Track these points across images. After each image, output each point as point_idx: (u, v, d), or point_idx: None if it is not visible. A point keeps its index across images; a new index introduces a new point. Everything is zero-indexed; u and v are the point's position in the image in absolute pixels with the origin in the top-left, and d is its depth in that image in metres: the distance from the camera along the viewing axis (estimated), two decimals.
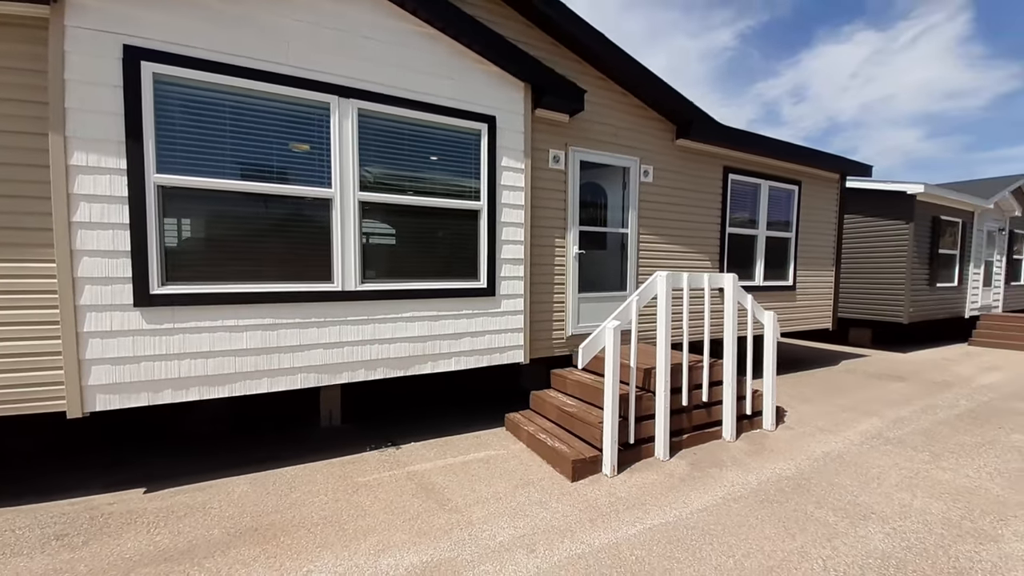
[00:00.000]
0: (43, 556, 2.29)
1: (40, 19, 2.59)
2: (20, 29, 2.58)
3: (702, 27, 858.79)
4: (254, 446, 3.72)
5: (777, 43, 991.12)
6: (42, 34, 2.60)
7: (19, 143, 2.59)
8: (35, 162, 2.62)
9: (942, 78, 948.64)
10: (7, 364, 2.62)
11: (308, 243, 3.30)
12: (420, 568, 2.22)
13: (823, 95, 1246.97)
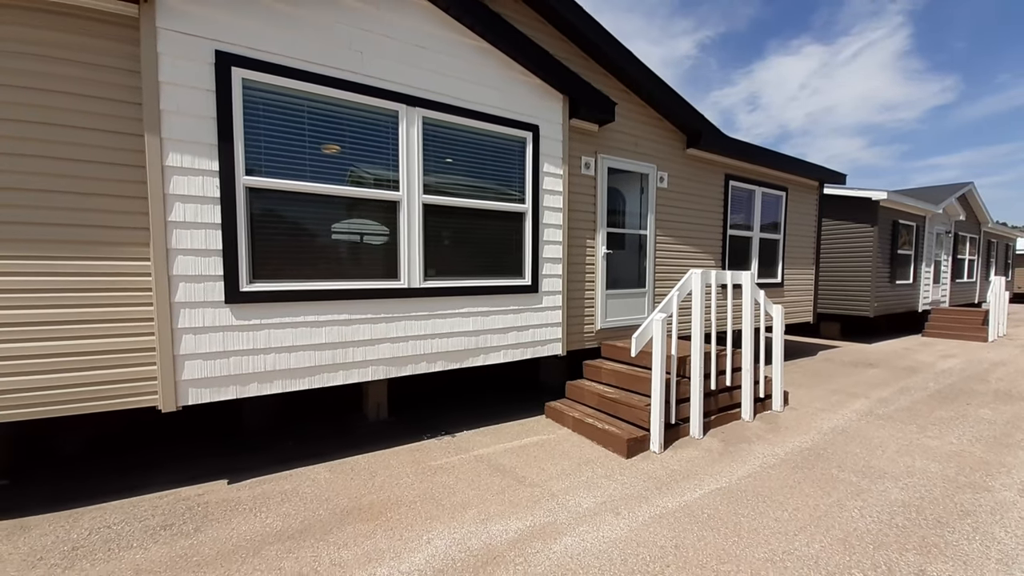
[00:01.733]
0: (157, 546, 2.38)
1: (130, 18, 2.67)
2: (112, 27, 2.64)
3: (664, 35, 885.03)
4: (309, 439, 3.83)
5: (733, 54, 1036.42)
6: (135, 34, 2.68)
7: (115, 143, 2.66)
8: (130, 162, 2.69)
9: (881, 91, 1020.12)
10: (104, 361, 2.68)
11: (379, 243, 3.48)
12: (527, 531, 2.48)
13: (774, 104, 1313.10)
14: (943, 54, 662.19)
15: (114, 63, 2.64)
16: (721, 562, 2.24)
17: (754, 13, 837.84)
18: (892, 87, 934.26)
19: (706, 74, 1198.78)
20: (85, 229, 2.60)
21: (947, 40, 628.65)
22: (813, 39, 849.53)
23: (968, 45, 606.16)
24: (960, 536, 2.49)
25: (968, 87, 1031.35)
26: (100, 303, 2.66)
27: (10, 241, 2.47)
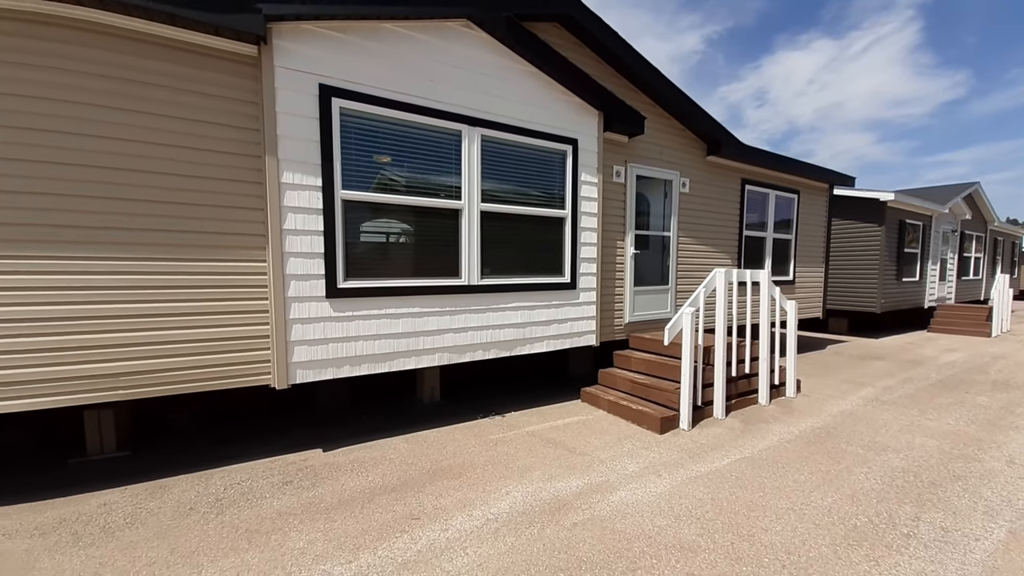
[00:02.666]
0: (286, 496, 2.91)
1: (252, 57, 3.18)
2: (237, 65, 3.15)
3: (670, 30, 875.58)
4: (377, 417, 4.37)
5: (740, 49, 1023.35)
6: (255, 71, 3.19)
7: (240, 163, 3.18)
8: (252, 179, 3.21)
9: (891, 86, 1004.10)
10: (229, 346, 3.21)
11: (444, 245, 4.00)
12: (586, 487, 2.99)
13: (782, 99, 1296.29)
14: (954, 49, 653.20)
15: (238, 95, 3.15)
16: (751, 510, 2.74)
17: (762, 7, 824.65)
18: (902, 82, 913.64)
19: (713, 69, 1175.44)
20: (215, 236, 3.13)
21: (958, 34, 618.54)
22: (822, 33, 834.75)
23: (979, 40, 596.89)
24: (951, 494, 2.97)
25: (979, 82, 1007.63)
26: (226, 298, 3.19)
27: (157, 245, 3.00)
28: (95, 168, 2.81)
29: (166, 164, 2.98)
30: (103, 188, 2.83)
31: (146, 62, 2.89)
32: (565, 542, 2.40)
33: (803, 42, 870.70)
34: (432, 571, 2.16)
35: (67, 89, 2.73)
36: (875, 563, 2.25)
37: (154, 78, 2.92)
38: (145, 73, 2.90)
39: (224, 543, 2.39)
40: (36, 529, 2.52)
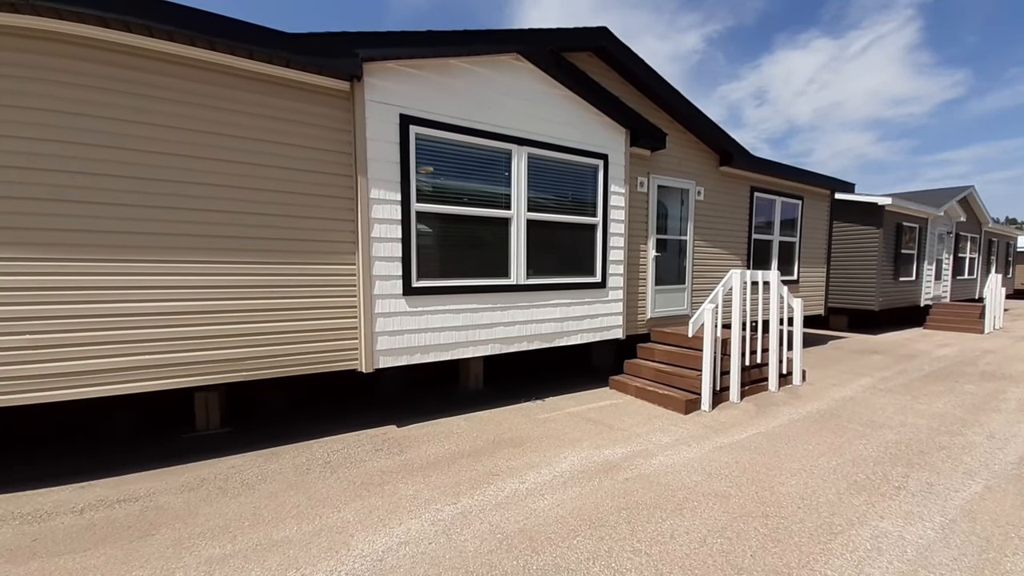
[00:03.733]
0: (382, 460, 3.49)
1: (345, 92, 3.76)
2: (334, 98, 3.73)
3: (671, 29, 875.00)
4: (430, 400, 4.94)
5: (740, 48, 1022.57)
6: (348, 103, 3.76)
7: (336, 182, 3.75)
8: (344, 195, 3.78)
9: (891, 85, 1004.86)
10: (326, 336, 3.79)
11: (496, 249, 4.57)
12: (630, 454, 3.56)
13: (781, 99, 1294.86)
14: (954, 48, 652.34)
15: (335, 124, 3.73)
16: (768, 470, 3.31)
17: (762, 6, 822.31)
18: (902, 81, 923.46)
19: (713, 69, 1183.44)
20: (317, 243, 3.71)
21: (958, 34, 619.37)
22: (822, 33, 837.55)
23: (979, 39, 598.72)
24: (936, 460, 3.54)
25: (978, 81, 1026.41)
26: (324, 295, 3.77)
27: (270, 251, 3.57)
28: (224, 187, 3.38)
29: (278, 183, 3.56)
30: (229, 203, 3.40)
31: (266, 98, 3.47)
32: (621, 491, 2.97)
33: (803, 41, 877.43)
34: (522, 509, 2.74)
35: (216, 124, 3.32)
36: (872, 506, 2.82)
37: (271, 111, 3.50)
38: (265, 107, 3.47)
39: (347, 492, 2.97)
40: (183, 486, 3.09)
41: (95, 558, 2.29)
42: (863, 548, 2.38)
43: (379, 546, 2.38)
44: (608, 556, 2.30)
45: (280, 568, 2.20)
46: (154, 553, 2.33)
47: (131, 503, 2.83)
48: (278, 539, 2.45)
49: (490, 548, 2.36)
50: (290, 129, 3.59)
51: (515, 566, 2.22)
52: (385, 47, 3.69)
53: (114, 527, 2.56)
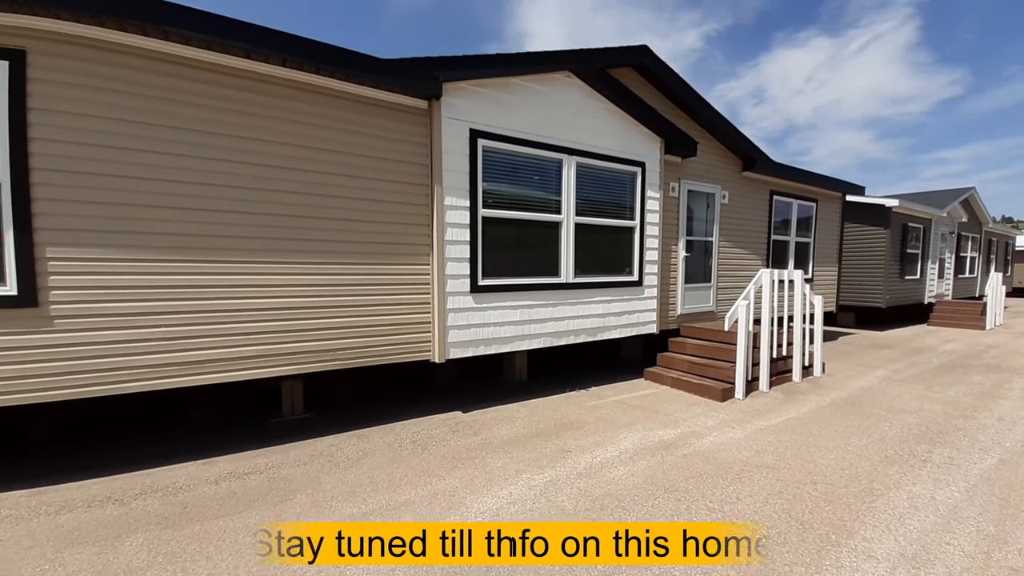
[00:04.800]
0: (461, 439, 3.89)
1: (424, 110, 4.15)
2: (413, 115, 4.13)
3: (670, 27, 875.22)
4: (481, 391, 5.34)
5: (739, 47, 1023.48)
6: (426, 119, 4.16)
7: (416, 191, 4.15)
8: (421, 202, 4.19)
9: (889, 84, 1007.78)
10: (405, 329, 4.20)
11: (548, 250, 4.98)
12: (681, 435, 3.98)
13: (780, 97, 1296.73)
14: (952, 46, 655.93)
15: (416, 139, 4.14)
16: (808, 447, 3.73)
17: (760, 5, 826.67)
18: (900, 80, 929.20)
19: (712, 67, 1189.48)
20: (399, 246, 4.11)
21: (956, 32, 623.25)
22: (820, 31, 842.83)
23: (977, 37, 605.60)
24: (955, 438, 3.97)
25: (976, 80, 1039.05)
26: (404, 293, 4.17)
27: (359, 254, 3.97)
28: (322, 196, 3.78)
29: (366, 192, 3.96)
30: (326, 211, 3.80)
31: (357, 116, 3.87)
32: (682, 464, 3.39)
33: (801, 40, 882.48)
34: (602, 478, 3.15)
35: (317, 139, 3.72)
36: (904, 475, 3.24)
37: (362, 128, 3.90)
38: (356, 124, 3.87)
39: (443, 465, 3.37)
40: (296, 461, 3.49)
41: (250, 518, 2.69)
42: (902, 506, 2.80)
43: (491, 505, 2.79)
44: (688, 513, 2.71)
45: (415, 522, 2.61)
46: (300, 513, 2.73)
47: (257, 475, 3.23)
48: (402, 501, 2.86)
49: (586, 507, 2.78)
50: (377, 144, 3.98)
51: (612, 520, 2.63)
52: (460, 69, 4.08)
53: (253, 494, 2.96)
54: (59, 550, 2.36)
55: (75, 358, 3.00)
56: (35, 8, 2.74)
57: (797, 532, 2.52)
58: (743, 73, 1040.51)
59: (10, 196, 2.77)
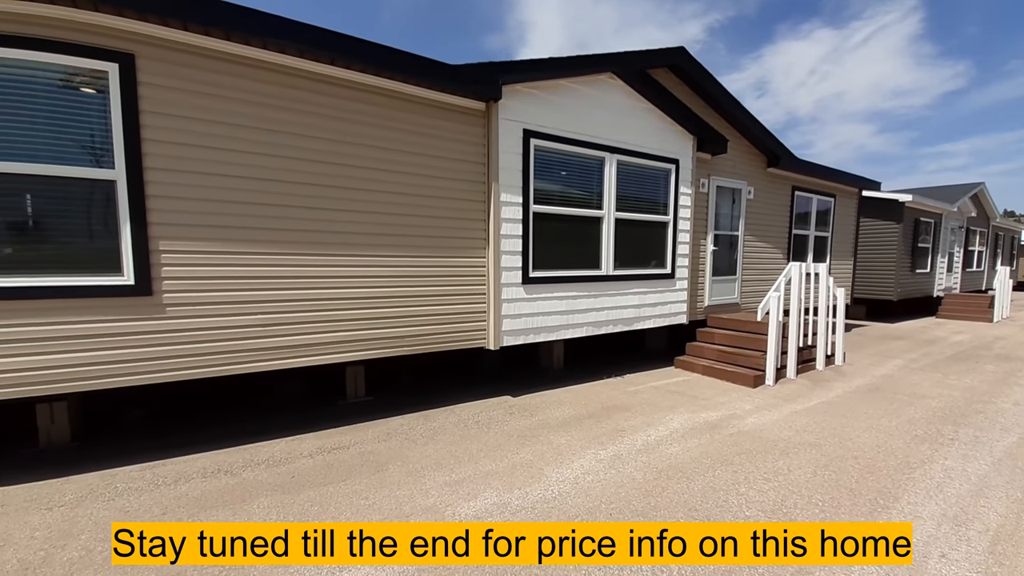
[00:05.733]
0: (519, 420, 4.18)
1: (481, 112, 4.39)
2: (472, 117, 4.37)
3: (672, 18, 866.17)
4: (523, 377, 5.63)
5: (742, 38, 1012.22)
6: (483, 121, 4.40)
7: (473, 188, 4.41)
8: (479, 199, 4.44)
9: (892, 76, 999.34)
10: (463, 318, 4.48)
11: (591, 244, 5.24)
12: (723, 417, 4.27)
13: (782, 90, 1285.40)
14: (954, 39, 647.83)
15: (474, 139, 4.38)
16: (843, 427, 4.03)
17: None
18: (903, 73, 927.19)
19: (714, 59, 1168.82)
20: (458, 240, 4.38)
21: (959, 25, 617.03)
22: (824, 23, 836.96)
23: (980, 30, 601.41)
24: (976, 420, 4.27)
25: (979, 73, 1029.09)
26: (462, 284, 4.45)
27: (422, 248, 4.23)
28: (394, 194, 4.03)
29: (430, 189, 4.21)
30: (397, 207, 4.06)
31: (422, 118, 4.11)
32: (731, 442, 3.69)
33: (804, 32, 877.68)
34: (661, 453, 3.45)
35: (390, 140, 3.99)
36: (935, 451, 3.54)
37: (427, 129, 4.15)
38: (421, 126, 4.12)
39: (512, 442, 3.67)
40: (375, 438, 3.77)
41: (356, 485, 2.98)
42: (938, 476, 3.10)
43: (568, 475, 3.09)
44: (746, 482, 3.01)
45: (505, 488, 2.91)
46: (398, 481, 3.03)
47: (345, 450, 3.53)
48: (485, 471, 3.15)
49: (653, 477, 3.07)
50: (440, 144, 4.23)
51: (680, 488, 2.93)
52: (517, 72, 4.31)
53: (349, 465, 3.26)
54: (193, 514, 2.65)
55: (183, 343, 3.28)
56: (144, 14, 2.97)
57: (848, 498, 2.82)
58: (746, 65, 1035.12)
59: (127, 193, 3.03)
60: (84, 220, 3.00)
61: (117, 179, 3.00)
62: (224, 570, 2.15)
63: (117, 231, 3.03)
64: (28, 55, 2.77)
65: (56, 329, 2.93)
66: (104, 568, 2.18)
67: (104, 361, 3.06)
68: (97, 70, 2.92)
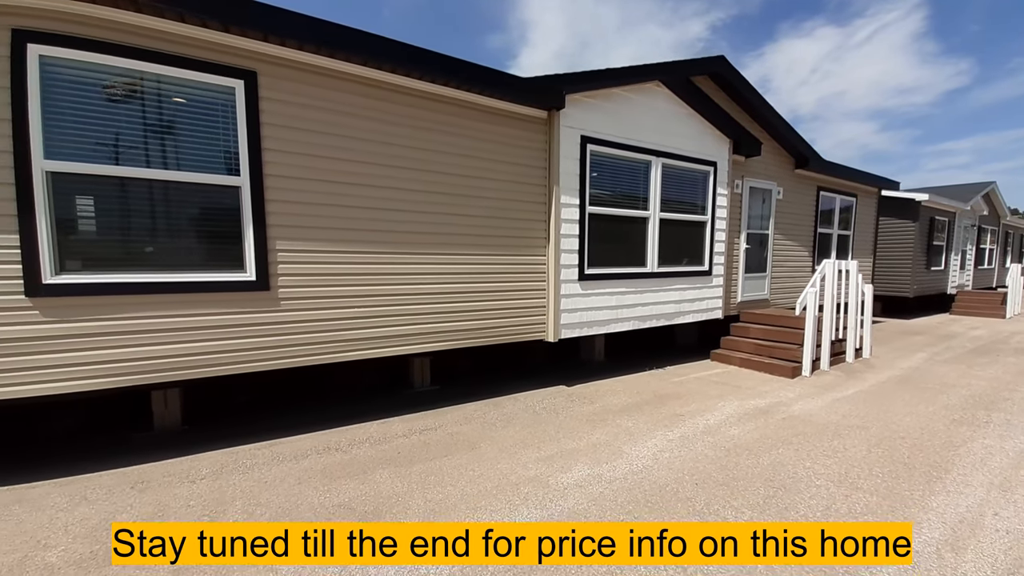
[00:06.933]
0: (581, 407, 4.50)
1: (543, 120, 4.71)
2: (535, 124, 4.70)
3: (674, 16, 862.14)
4: (570, 368, 5.96)
5: (744, 36, 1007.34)
6: (545, 127, 4.73)
7: (535, 191, 4.73)
8: (540, 201, 4.76)
9: (895, 74, 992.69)
10: (525, 313, 4.81)
11: (637, 243, 5.56)
12: (770, 404, 4.59)
13: (784, 88, 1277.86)
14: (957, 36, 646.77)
15: (537, 145, 4.70)
16: (884, 413, 4.35)
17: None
18: (906, 70, 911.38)
19: None
20: (522, 239, 4.70)
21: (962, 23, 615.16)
22: (827, 20, 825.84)
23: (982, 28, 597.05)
24: (1005, 406, 4.58)
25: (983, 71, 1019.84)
26: (524, 280, 4.77)
27: (490, 247, 4.55)
28: (466, 196, 4.36)
29: (498, 192, 4.54)
30: (470, 209, 4.38)
31: (493, 127, 4.43)
32: (785, 425, 4.01)
33: (807, 29, 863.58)
34: (723, 435, 3.77)
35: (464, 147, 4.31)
36: (973, 432, 3.86)
37: (496, 136, 4.47)
38: (491, 134, 4.44)
39: (584, 425, 4.00)
40: (457, 421, 4.09)
41: (458, 460, 3.30)
42: (980, 452, 3.43)
43: (645, 452, 3.42)
44: (809, 459, 3.33)
45: (593, 463, 3.24)
46: (494, 456, 3.36)
47: (433, 431, 3.86)
48: (569, 449, 3.49)
49: (723, 454, 3.40)
50: (507, 150, 4.55)
51: (750, 463, 3.25)
52: (579, 83, 4.63)
53: (444, 444, 3.59)
54: (326, 483, 2.98)
55: (293, 333, 3.62)
56: (267, 35, 3.29)
57: (905, 470, 3.15)
58: (748, 63, 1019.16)
59: (250, 197, 3.36)
60: (214, 222, 3.33)
61: (242, 185, 3.33)
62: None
63: (241, 231, 3.37)
64: (172, 71, 3.10)
65: (190, 320, 3.27)
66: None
67: (228, 349, 3.40)
68: (226, 86, 3.25)
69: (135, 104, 3.07)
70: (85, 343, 2.97)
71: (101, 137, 3.01)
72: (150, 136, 3.10)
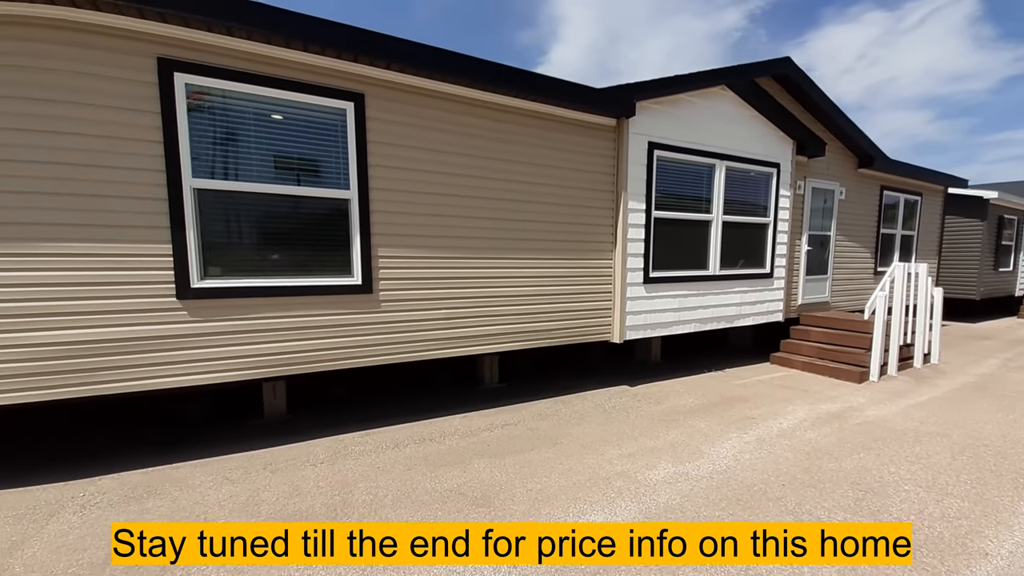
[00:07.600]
0: (649, 407, 4.64)
1: (612, 127, 4.86)
2: (604, 132, 4.85)
3: (709, 6, 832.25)
4: (628, 369, 6.09)
5: (784, 24, 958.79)
6: (613, 135, 4.87)
7: (603, 196, 4.89)
8: (608, 206, 4.92)
9: (949, 60, 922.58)
10: (592, 314, 4.99)
11: (700, 246, 5.64)
12: (842, 409, 4.60)
13: (827, 77, 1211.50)
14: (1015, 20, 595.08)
15: (606, 152, 4.86)
16: (963, 420, 4.29)
17: None
18: (961, 56, 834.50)
19: (754, 47, 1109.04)
20: (590, 244, 4.88)
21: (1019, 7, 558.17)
22: (875, 5, 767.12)
23: None
24: None
25: None
26: (592, 283, 4.96)
27: (558, 251, 4.75)
28: (538, 203, 4.56)
29: (568, 198, 4.73)
30: (541, 215, 4.59)
31: (566, 136, 4.62)
32: (861, 431, 4.04)
33: (853, 15, 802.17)
34: (799, 438, 3.84)
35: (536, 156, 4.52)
36: None
37: (568, 145, 4.66)
38: (564, 143, 4.63)
39: (657, 425, 4.15)
40: (535, 416, 4.32)
41: (545, 454, 3.53)
42: None
43: (724, 453, 3.55)
44: (893, 464, 3.38)
45: (675, 461, 3.40)
46: (578, 452, 3.57)
47: (514, 426, 4.11)
48: (649, 447, 3.66)
49: (803, 458, 3.49)
50: (576, 158, 4.73)
51: (833, 467, 3.33)
52: (648, 91, 4.75)
53: (526, 439, 3.83)
54: (431, 470, 3.27)
55: (391, 332, 3.95)
56: (374, 60, 3.59)
57: (992, 478, 3.15)
58: (787, 52, 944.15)
59: (357, 209, 3.68)
60: (327, 231, 3.68)
61: (351, 198, 3.66)
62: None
63: (349, 239, 3.70)
64: (294, 96, 3.44)
65: (306, 320, 3.63)
66: (424, 505, 2.77)
67: (337, 347, 3.75)
68: (339, 108, 3.58)
69: (263, 126, 3.43)
70: (222, 340, 3.37)
71: (235, 157, 3.39)
72: (277, 155, 3.46)
